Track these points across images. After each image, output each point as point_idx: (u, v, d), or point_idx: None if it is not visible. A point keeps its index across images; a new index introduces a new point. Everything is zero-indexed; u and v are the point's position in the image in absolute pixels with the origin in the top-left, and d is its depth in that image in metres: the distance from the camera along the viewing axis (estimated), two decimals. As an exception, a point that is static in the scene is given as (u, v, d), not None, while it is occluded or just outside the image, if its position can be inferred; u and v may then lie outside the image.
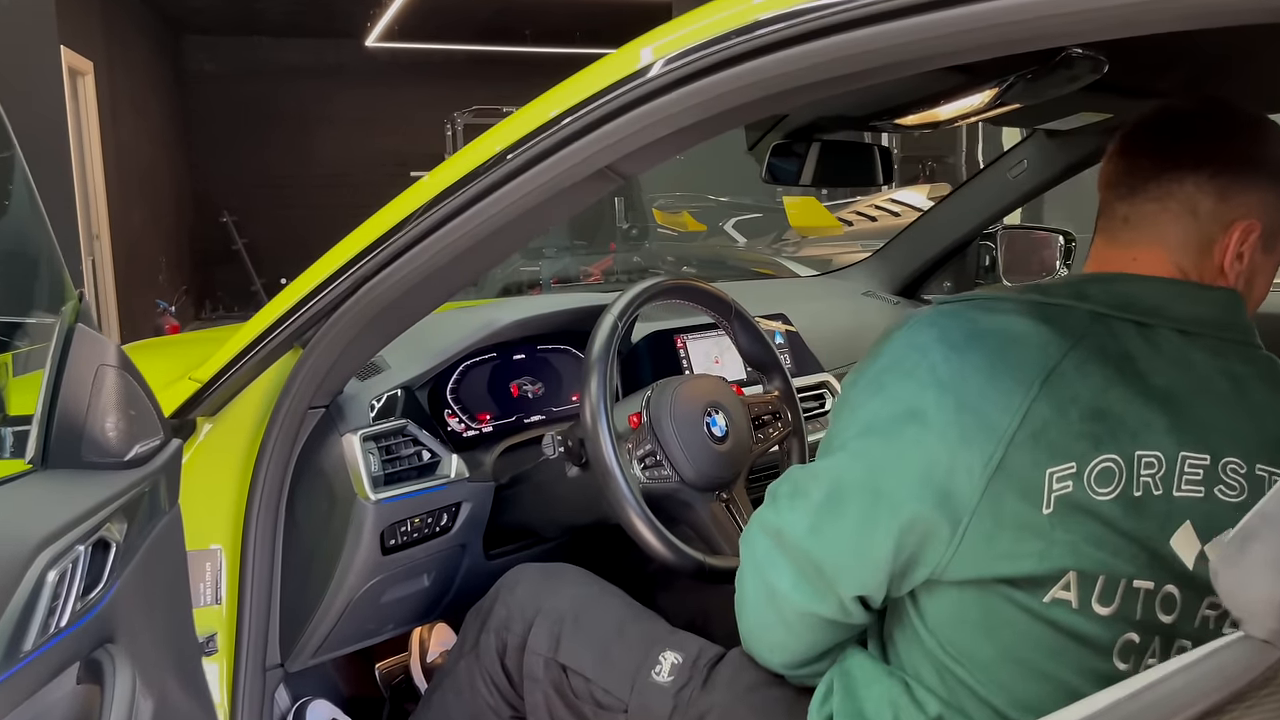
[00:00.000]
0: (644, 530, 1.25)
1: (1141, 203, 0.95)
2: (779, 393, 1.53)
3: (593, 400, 1.27)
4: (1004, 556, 0.84)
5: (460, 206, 1.13)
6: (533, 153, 1.08)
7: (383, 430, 1.37)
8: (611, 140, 1.03)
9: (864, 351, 2.21)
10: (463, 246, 1.15)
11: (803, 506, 0.94)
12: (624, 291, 1.37)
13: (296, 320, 1.26)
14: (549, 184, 1.08)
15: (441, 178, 1.17)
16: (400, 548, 1.38)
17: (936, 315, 0.92)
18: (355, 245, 1.22)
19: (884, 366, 0.92)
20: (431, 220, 1.15)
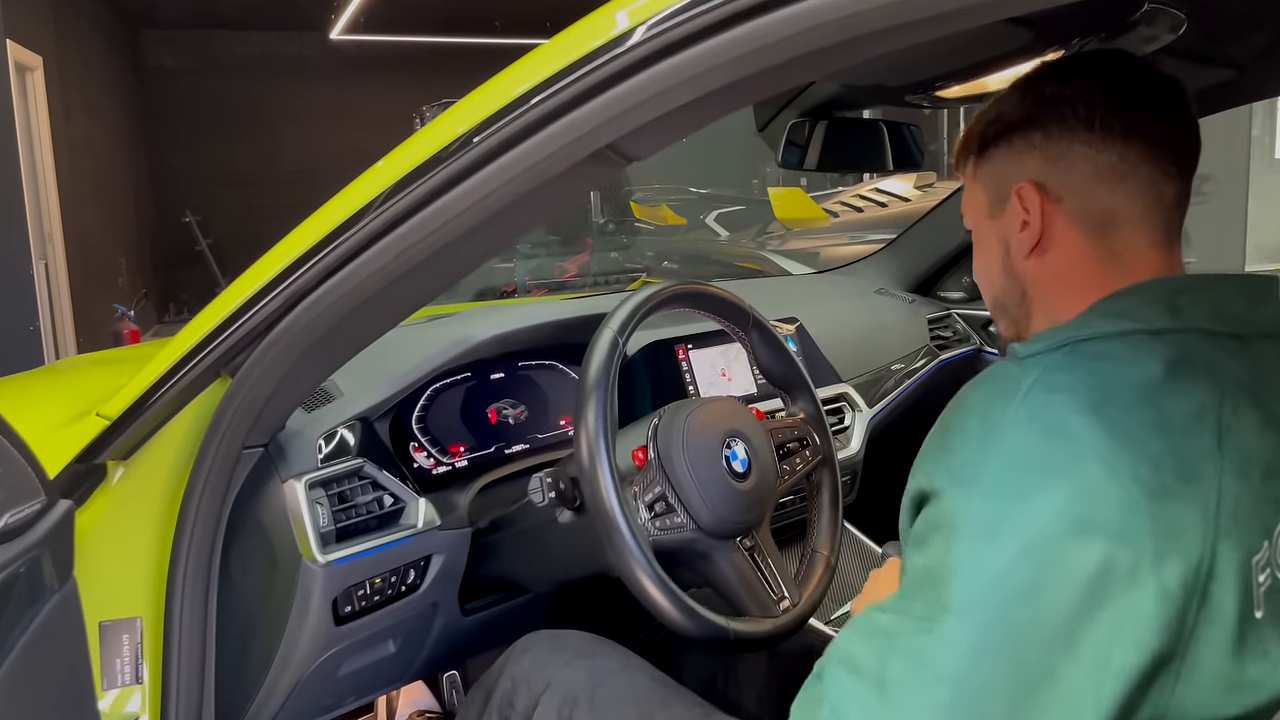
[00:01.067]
0: (657, 595, 1.02)
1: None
2: (805, 415, 1.30)
3: (590, 434, 1.04)
4: (1231, 690, 0.61)
5: (424, 198, 0.90)
6: (515, 129, 0.85)
7: (334, 474, 1.13)
8: (614, 112, 0.80)
9: (882, 355, 2.00)
10: (429, 249, 0.92)
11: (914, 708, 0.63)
12: (624, 301, 1.13)
13: (221, 344, 1.02)
14: (537, 168, 0.86)
15: (400, 162, 0.93)
16: (358, 614, 1.14)
17: (1046, 373, 0.69)
18: (290, 251, 0.98)
19: (1007, 467, 0.65)
20: (388, 217, 0.92)
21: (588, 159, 0.85)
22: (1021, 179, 0.81)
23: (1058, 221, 0.80)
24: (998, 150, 0.84)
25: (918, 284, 2.27)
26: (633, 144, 0.85)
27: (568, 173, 0.86)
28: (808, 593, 1.19)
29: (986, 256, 0.87)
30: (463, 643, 1.38)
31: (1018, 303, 0.85)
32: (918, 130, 1.58)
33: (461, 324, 1.38)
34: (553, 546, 1.21)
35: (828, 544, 1.25)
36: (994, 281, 0.87)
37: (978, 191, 0.88)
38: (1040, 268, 0.82)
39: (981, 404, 0.70)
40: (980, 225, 0.88)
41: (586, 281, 7.78)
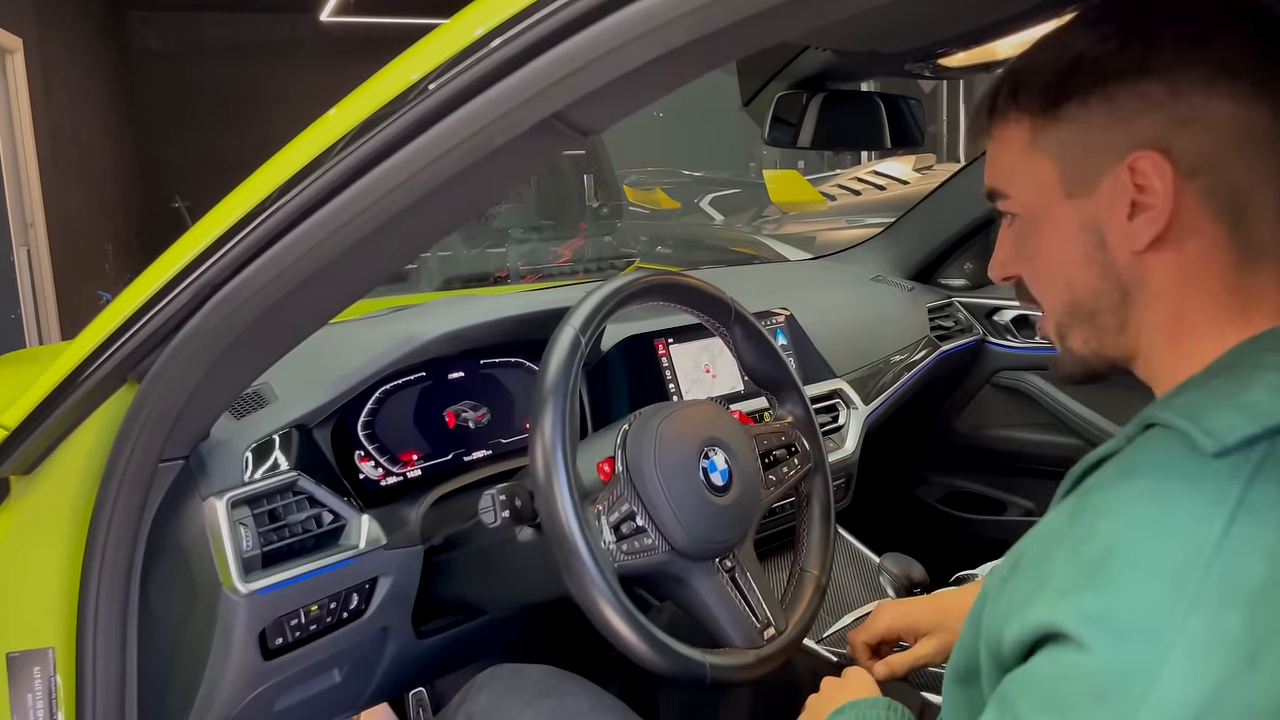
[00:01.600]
0: (623, 629, 0.90)
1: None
2: (794, 419, 1.18)
3: (546, 445, 0.91)
4: None
5: (342, 180, 0.78)
6: (445, 95, 0.73)
7: (262, 490, 1.00)
8: (560, 74, 0.68)
9: (879, 348, 1.88)
10: (354, 236, 0.80)
11: None
12: (589, 294, 1.01)
13: (123, 346, 0.89)
14: (472, 141, 0.74)
15: (319, 137, 0.80)
16: (292, 646, 1.02)
17: (1264, 485, 0.53)
18: (196, 240, 0.86)
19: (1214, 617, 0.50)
20: (303, 200, 0.80)
21: (532, 131, 0.72)
22: (1132, 146, 0.62)
23: (1188, 203, 0.62)
24: (1084, 108, 0.64)
25: (917, 271, 2.14)
26: (585, 113, 0.73)
27: (510, 147, 0.73)
28: (795, 618, 1.07)
29: (1059, 248, 0.67)
30: (421, 668, 1.27)
31: (1113, 309, 0.66)
32: (917, 105, 1.45)
33: (411, 320, 1.25)
34: (512, 567, 1.09)
35: (818, 562, 1.13)
36: (1073, 281, 0.67)
37: (1040, 162, 0.67)
38: (1164, 266, 0.64)
39: (1158, 522, 0.52)
40: (1047, 207, 0.68)
41: (580, 267, 7.65)
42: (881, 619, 1.09)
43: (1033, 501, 2.12)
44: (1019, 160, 0.68)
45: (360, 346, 1.14)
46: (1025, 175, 0.68)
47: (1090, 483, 0.59)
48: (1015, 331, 2.06)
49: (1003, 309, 2.07)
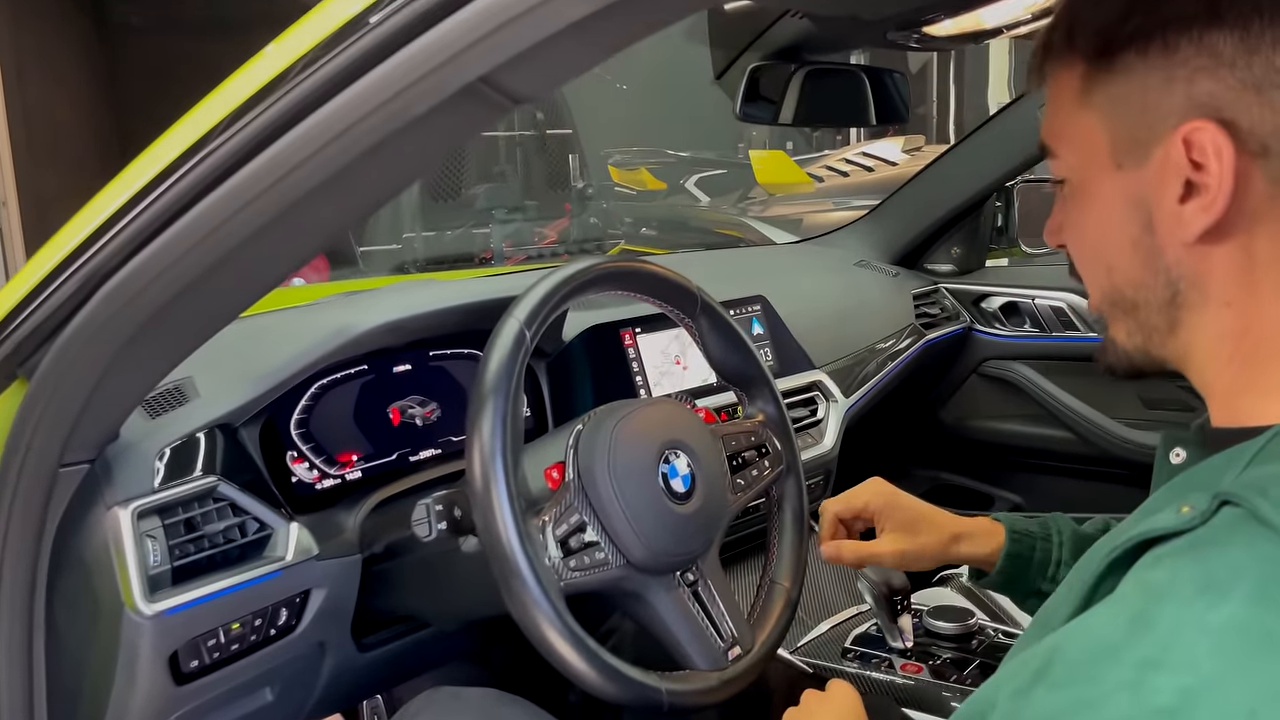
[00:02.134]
0: (569, 655, 0.82)
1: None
2: (765, 417, 1.09)
3: (485, 451, 0.82)
4: None
5: (258, 142, 0.69)
6: (354, 55, 0.63)
7: (175, 497, 0.91)
8: (485, 29, 0.59)
9: (861, 337, 1.79)
10: (266, 214, 0.71)
11: None
12: (536, 283, 0.91)
13: (6, 340, 0.80)
14: (388, 108, 0.64)
15: (214, 107, 0.71)
16: (211, 669, 0.93)
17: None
18: (86, 221, 0.76)
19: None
20: (202, 174, 0.70)
21: (456, 97, 0.63)
22: (1190, 113, 0.51)
23: (1256, 190, 0.51)
24: (1142, 59, 0.53)
25: (902, 255, 2.05)
26: (517, 77, 0.63)
27: (434, 115, 0.64)
28: (763, 636, 0.99)
29: (1103, 226, 0.57)
30: (365, 681, 1.18)
31: (1160, 306, 0.56)
32: (902, 78, 1.36)
33: (347, 309, 1.16)
34: (457, 580, 1.00)
35: (789, 574, 1.04)
36: (1115, 267, 0.57)
37: (1090, 121, 0.56)
38: (1220, 261, 0.53)
39: (1261, 671, 0.41)
40: (1094, 176, 0.57)
41: (564, 249, 7.54)
42: (863, 494, 1.03)
43: (1020, 496, 2.04)
44: (1069, 115, 0.58)
45: (292, 338, 1.04)
46: (1074, 134, 0.58)
47: (1156, 578, 0.46)
48: (1004, 319, 1.98)
49: (991, 295, 1.99)
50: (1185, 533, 0.47)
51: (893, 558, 1.00)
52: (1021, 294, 1.93)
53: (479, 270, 5.06)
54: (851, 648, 1.28)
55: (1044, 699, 0.46)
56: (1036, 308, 1.91)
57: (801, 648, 1.31)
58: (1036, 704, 0.47)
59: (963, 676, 1.19)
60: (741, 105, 1.23)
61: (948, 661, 1.22)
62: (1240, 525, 0.45)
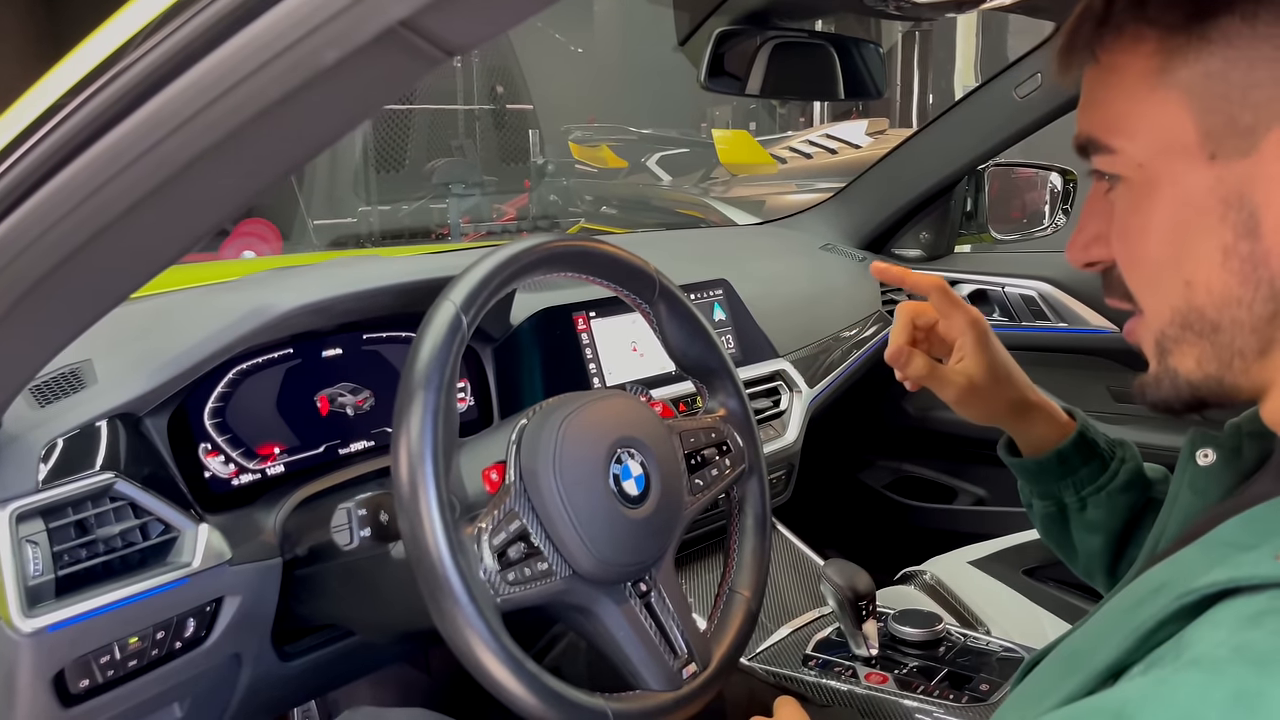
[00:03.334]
0: (504, 677, 0.73)
1: None
2: (726, 412, 1.01)
3: (412, 450, 0.73)
4: None
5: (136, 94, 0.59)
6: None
7: (64, 497, 0.81)
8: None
9: (827, 324, 1.71)
10: (154, 176, 0.61)
11: None
12: (476, 263, 0.82)
13: None
14: (292, 55, 0.54)
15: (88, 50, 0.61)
16: (105, 688, 0.83)
17: None
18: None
19: None
20: (68, 132, 0.61)
21: (374, 45, 0.53)
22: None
23: None
24: (1250, 26, 0.45)
25: (870, 240, 1.97)
26: (446, 21, 0.54)
27: (345, 66, 0.54)
28: (720, 651, 0.91)
29: (1183, 231, 0.48)
30: (288, 692, 1.09)
31: (1252, 326, 0.47)
32: (874, 50, 1.27)
33: (266, 288, 1.05)
34: (386, 589, 0.90)
35: (750, 583, 0.96)
36: (1197, 281, 0.48)
37: (1169, 104, 0.48)
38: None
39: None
40: (1172, 170, 0.49)
41: (524, 226, 7.41)
42: (960, 314, 0.88)
43: (984, 489, 1.98)
44: (1137, 99, 0.49)
45: (205, 319, 0.94)
46: (1145, 122, 0.49)
47: (1260, 643, 0.38)
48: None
49: (959, 283, 1.92)
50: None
51: (958, 391, 0.86)
52: (991, 282, 1.87)
53: (425, 246, 4.93)
54: (813, 654, 1.21)
55: None
56: (1006, 296, 1.85)
57: (760, 654, 1.23)
58: None
59: (930, 686, 1.12)
60: (706, 75, 1.14)
61: (914, 670, 1.15)
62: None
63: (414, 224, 7.38)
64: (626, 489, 0.85)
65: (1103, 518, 0.84)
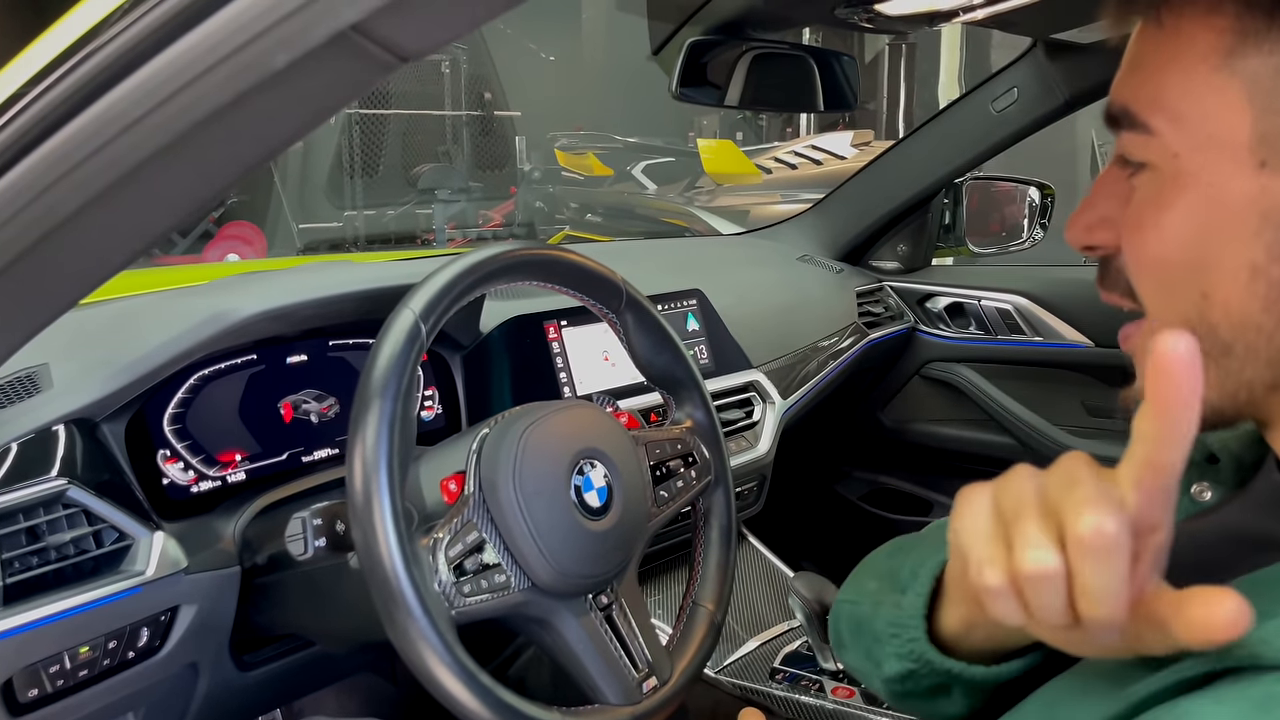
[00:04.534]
0: (458, 691, 0.72)
1: None
2: (693, 423, 1.00)
3: (367, 459, 0.72)
4: None
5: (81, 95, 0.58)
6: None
7: (14, 503, 0.79)
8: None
9: (802, 335, 1.71)
10: (99, 180, 0.60)
11: None
12: (436, 271, 0.81)
13: None
14: (240, 59, 0.53)
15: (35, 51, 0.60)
16: (54, 698, 0.82)
17: None
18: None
19: None
20: (27, 122, 0.60)
21: (324, 49, 0.52)
22: None
23: None
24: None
25: (847, 251, 1.97)
26: (396, 26, 0.53)
27: (298, 70, 0.54)
28: (682, 665, 0.90)
29: (1212, 237, 0.43)
30: (248, 702, 1.07)
31: (1272, 359, 0.43)
32: (850, 62, 1.27)
33: (226, 294, 1.04)
34: (345, 599, 0.89)
35: (713, 596, 0.96)
36: (1215, 295, 0.43)
37: (1230, 93, 0.42)
38: None
39: None
40: (1214, 169, 0.43)
41: (509, 233, 7.40)
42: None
43: (960, 502, 1.98)
44: (1194, 79, 0.43)
45: (165, 324, 0.93)
46: (1197, 107, 0.43)
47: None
48: (948, 320, 1.92)
49: (936, 295, 1.92)
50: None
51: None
52: (967, 295, 1.87)
53: (404, 252, 4.92)
54: (781, 668, 1.21)
55: None
56: (982, 309, 1.85)
57: (727, 667, 1.23)
58: None
59: (896, 702, 1.11)
60: (679, 84, 1.14)
61: (881, 684, 1.15)
62: None
63: (399, 229, 7.37)
64: (588, 500, 0.84)
65: None
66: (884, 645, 0.61)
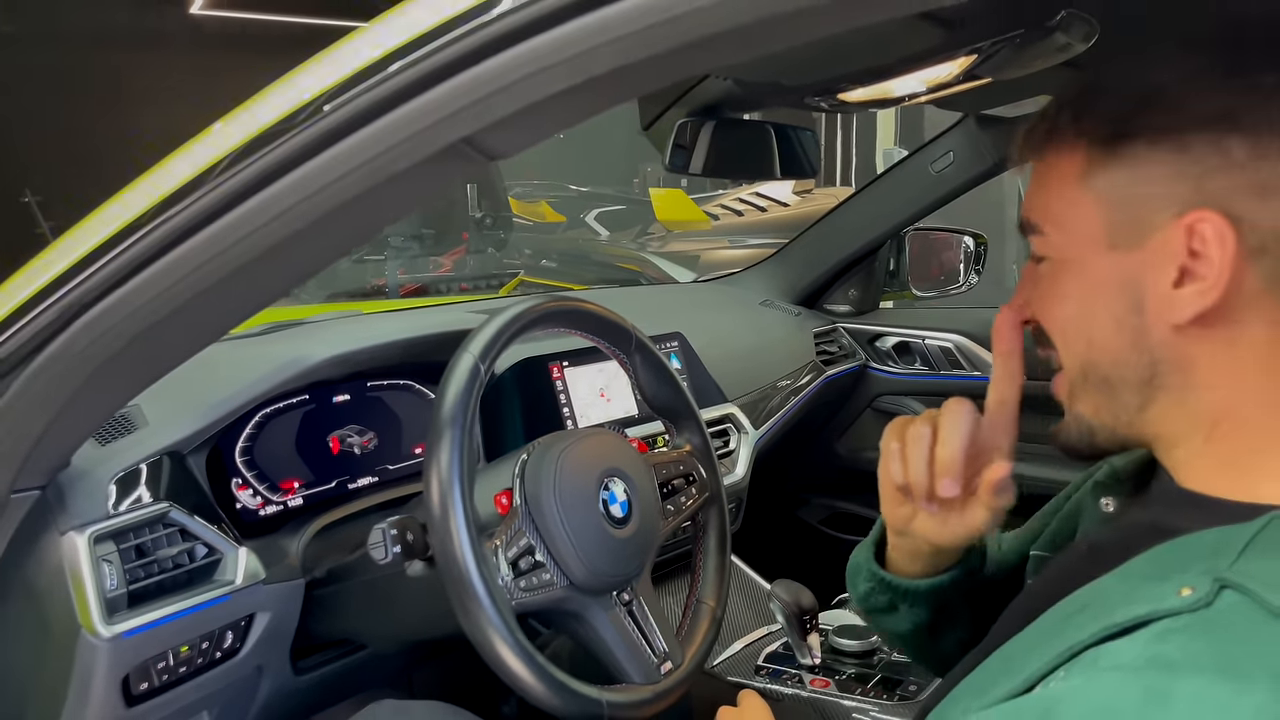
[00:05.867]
0: (521, 670, 0.87)
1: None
2: (692, 447, 1.17)
3: (442, 478, 0.87)
4: None
5: (230, 198, 0.73)
6: (345, 115, 0.68)
7: (130, 523, 0.93)
8: (474, 97, 0.65)
9: (768, 372, 1.89)
10: (254, 251, 0.75)
11: None
12: (489, 320, 0.97)
13: (-29, 369, 0.82)
14: (374, 164, 0.69)
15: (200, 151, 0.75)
16: (160, 690, 0.95)
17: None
18: (66, 254, 0.79)
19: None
20: (192, 213, 0.74)
21: (439, 154, 0.69)
22: (1195, 204, 0.54)
23: (1248, 282, 0.54)
24: (1151, 150, 0.55)
25: (804, 296, 2.17)
26: (497, 138, 0.70)
27: (414, 170, 0.70)
28: (691, 652, 1.06)
29: (1089, 302, 0.59)
30: (295, 706, 1.20)
31: (1136, 385, 0.58)
32: (809, 136, 1.47)
33: (297, 341, 1.19)
34: (401, 603, 1.04)
35: (714, 594, 1.12)
36: (1096, 343, 0.59)
37: (1086, 204, 0.59)
38: (1207, 347, 0.56)
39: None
40: (1084, 254, 0.59)
41: (461, 279, 7.51)
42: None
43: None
44: (1065, 194, 0.60)
45: (242, 368, 1.07)
46: (1068, 213, 0.60)
47: (1168, 654, 0.47)
48: (896, 357, 2.11)
49: (884, 335, 2.12)
50: (1185, 614, 0.48)
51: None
52: (913, 334, 2.07)
53: (403, 301, 5.03)
54: (764, 665, 1.37)
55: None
56: (926, 347, 2.05)
57: (715, 667, 1.38)
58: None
59: (866, 689, 1.28)
60: (670, 157, 1.32)
61: (852, 676, 1.31)
62: (1250, 614, 0.47)
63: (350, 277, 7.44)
64: (613, 512, 1.00)
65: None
66: (858, 574, 0.91)
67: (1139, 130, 0.56)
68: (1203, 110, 0.54)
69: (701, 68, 0.68)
